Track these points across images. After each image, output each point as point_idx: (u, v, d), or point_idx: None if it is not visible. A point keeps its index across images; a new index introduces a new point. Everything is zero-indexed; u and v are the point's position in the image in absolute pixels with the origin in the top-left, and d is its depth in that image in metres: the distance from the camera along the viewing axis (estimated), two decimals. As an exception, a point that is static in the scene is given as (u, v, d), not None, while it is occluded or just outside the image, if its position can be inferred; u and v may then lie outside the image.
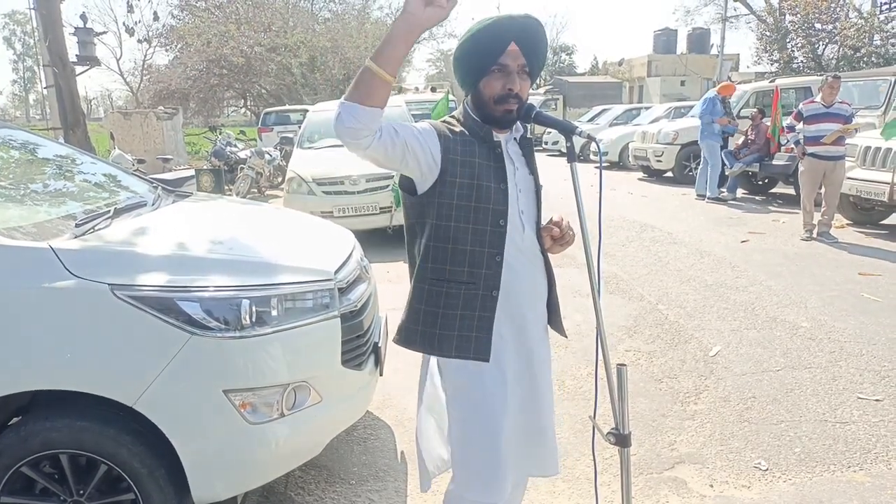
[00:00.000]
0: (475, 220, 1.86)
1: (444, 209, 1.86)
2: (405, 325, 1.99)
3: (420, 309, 1.95)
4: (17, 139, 3.65)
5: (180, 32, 31.99)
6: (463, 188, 1.84)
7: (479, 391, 1.93)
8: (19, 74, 75.09)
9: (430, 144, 1.83)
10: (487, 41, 1.82)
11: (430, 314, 1.93)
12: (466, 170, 1.84)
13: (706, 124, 11.03)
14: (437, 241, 1.88)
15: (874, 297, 5.59)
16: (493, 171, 1.89)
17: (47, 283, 2.25)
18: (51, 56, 8.67)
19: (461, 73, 1.91)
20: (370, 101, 1.68)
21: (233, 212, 3.82)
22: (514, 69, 1.84)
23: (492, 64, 1.83)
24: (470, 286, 1.88)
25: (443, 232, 1.87)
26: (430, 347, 1.96)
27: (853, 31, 26.09)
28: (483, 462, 1.94)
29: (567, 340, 4.87)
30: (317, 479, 3.19)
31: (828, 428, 3.53)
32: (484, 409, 1.93)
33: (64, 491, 2.37)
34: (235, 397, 2.34)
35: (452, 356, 1.93)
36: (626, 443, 1.90)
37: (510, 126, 1.94)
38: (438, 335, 1.93)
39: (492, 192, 1.87)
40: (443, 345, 1.93)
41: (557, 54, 63.47)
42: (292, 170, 8.54)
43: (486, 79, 1.85)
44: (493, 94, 1.85)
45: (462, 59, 1.88)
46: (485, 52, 1.82)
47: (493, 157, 1.90)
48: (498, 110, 1.87)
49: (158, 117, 16.61)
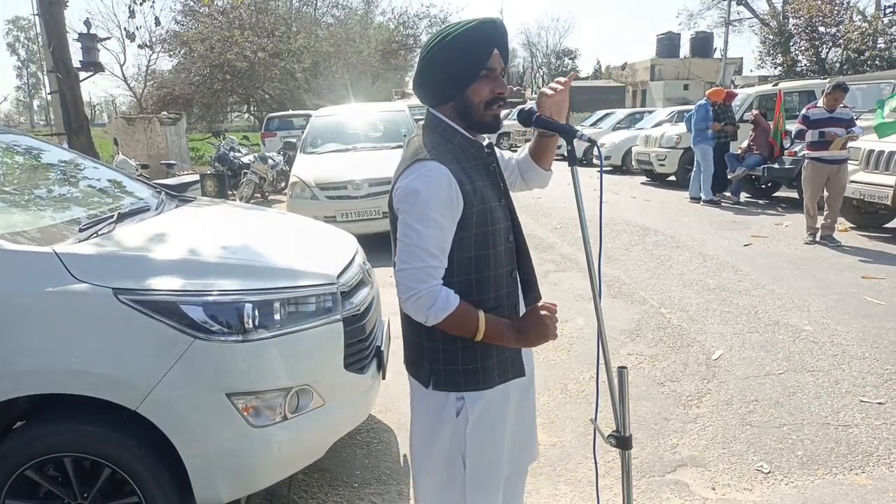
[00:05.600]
0: (493, 244, 1.78)
1: (466, 241, 1.74)
2: (440, 368, 1.81)
3: (454, 348, 1.79)
4: (22, 144, 3.68)
5: (184, 38, 32.15)
6: (479, 215, 1.74)
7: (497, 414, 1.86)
8: (23, 80, 75.57)
9: (455, 207, 1.70)
10: (476, 45, 1.74)
11: (466, 350, 1.79)
12: (478, 196, 1.74)
13: (699, 130, 11.07)
14: (461, 275, 1.76)
15: (877, 301, 5.58)
16: (492, 190, 1.81)
17: (51, 288, 2.26)
18: (55, 62, 8.72)
19: (443, 80, 1.77)
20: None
21: (235, 216, 3.84)
22: (500, 73, 1.78)
23: (481, 68, 1.74)
24: (496, 310, 1.80)
25: (465, 265, 1.76)
26: (476, 384, 1.81)
27: (857, 35, 26.06)
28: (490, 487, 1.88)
29: (570, 345, 4.89)
30: (320, 483, 3.20)
31: (830, 431, 3.52)
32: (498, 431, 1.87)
33: (68, 494, 2.39)
34: (238, 401, 2.36)
35: (496, 384, 1.83)
36: (628, 445, 1.90)
37: (496, 131, 1.87)
38: (482, 368, 1.80)
39: (498, 211, 1.80)
40: (487, 376, 1.81)
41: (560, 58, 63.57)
42: (295, 174, 8.57)
43: (474, 84, 1.75)
44: (482, 99, 1.77)
45: (446, 65, 1.75)
46: (474, 57, 1.74)
47: (487, 175, 1.82)
48: (488, 115, 1.79)
49: (162, 123, 16.69)
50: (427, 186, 1.66)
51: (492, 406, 1.84)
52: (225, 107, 38.17)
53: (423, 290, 1.67)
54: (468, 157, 1.79)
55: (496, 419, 1.85)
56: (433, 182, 1.67)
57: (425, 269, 1.67)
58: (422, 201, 1.66)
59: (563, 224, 9.75)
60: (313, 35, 32.99)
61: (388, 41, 36.50)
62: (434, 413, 1.86)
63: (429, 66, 1.77)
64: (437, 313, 1.67)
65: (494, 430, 1.86)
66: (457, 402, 1.83)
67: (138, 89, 36.81)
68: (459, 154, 1.77)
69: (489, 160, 1.85)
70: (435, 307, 1.67)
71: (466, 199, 1.70)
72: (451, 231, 1.70)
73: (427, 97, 1.83)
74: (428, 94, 1.82)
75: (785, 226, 9.09)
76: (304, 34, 32.16)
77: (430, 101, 1.83)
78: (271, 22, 31.94)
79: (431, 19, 38.39)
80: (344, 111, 11.32)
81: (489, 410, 1.83)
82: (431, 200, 1.66)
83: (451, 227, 1.70)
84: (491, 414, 1.84)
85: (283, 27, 32.20)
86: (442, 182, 1.67)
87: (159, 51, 33.17)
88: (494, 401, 1.84)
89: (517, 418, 1.96)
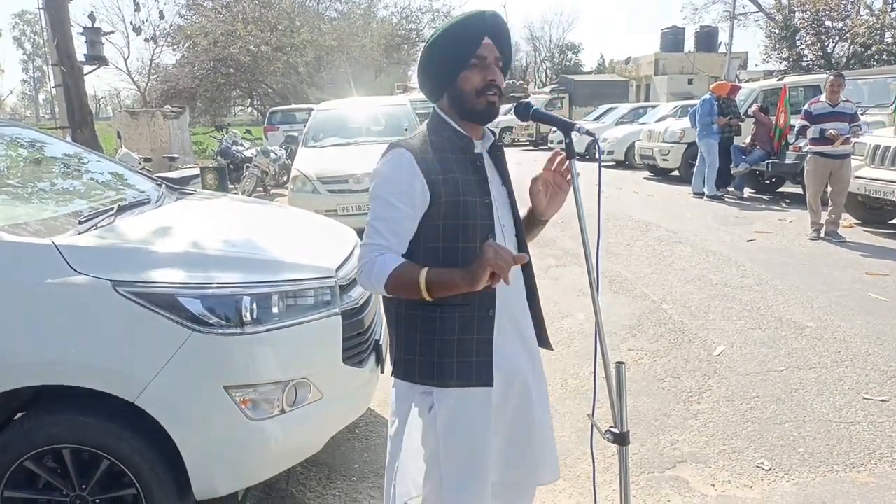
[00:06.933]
0: (464, 238, 1.77)
1: (432, 231, 1.77)
2: (402, 357, 1.87)
3: (415, 338, 1.83)
4: (26, 138, 3.68)
5: (187, 32, 32.17)
6: (449, 206, 1.75)
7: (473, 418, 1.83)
8: (29, 74, 75.63)
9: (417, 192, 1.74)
10: (463, 36, 1.78)
11: (426, 342, 1.81)
12: (450, 187, 1.76)
13: (705, 125, 11.03)
14: (427, 263, 1.74)
15: (881, 297, 5.56)
16: (476, 185, 1.81)
17: (50, 280, 2.27)
18: (59, 55, 8.70)
19: (436, 73, 1.83)
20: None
21: (235, 209, 3.84)
22: (492, 61, 1.79)
23: (470, 57, 1.77)
24: (465, 308, 1.78)
25: (432, 255, 1.77)
26: (430, 378, 1.82)
27: (864, 29, 25.89)
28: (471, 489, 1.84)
29: (570, 340, 4.88)
30: (318, 476, 3.21)
31: (832, 428, 3.51)
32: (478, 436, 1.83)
33: (66, 485, 2.39)
34: (236, 394, 2.36)
35: (454, 385, 1.80)
36: (625, 441, 1.89)
37: (492, 119, 1.87)
38: (437, 363, 1.81)
39: (477, 207, 1.79)
40: (443, 373, 1.81)
41: (564, 52, 63.38)
42: (297, 168, 8.58)
43: (464, 73, 1.78)
44: (474, 87, 1.79)
45: (438, 57, 1.81)
46: (462, 46, 1.77)
47: (473, 170, 1.82)
48: (481, 102, 1.80)
49: (165, 116, 16.68)
50: (386, 169, 1.77)
51: (465, 409, 1.81)
52: (228, 101, 38.17)
53: (365, 262, 1.75)
54: (454, 149, 1.82)
55: (473, 426, 1.82)
56: (393, 166, 1.76)
57: (370, 245, 1.76)
58: (379, 182, 1.78)
59: (564, 218, 9.68)
60: (316, 29, 32.97)
61: (390, 35, 36.42)
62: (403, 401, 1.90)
63: (424, 61, 1.85)
64: (379, 278, 1.72)
65: (472, 435, 1.82)
66: (424, 396, 1.85)
67: (142, 83, 36.85)
68: (445, 145, 1.82)
69: (476, 156, 1.85)
70: (374, 273, 1.72)
71: (433, 188, 1.74)
72: (408, 214, 1.75)
73: (428, 92, 1.89)
74: (427, 90, 1.88)
75: (789, 221, 9.06)
76: (307, 28, 32.14)
77: (431, 97, 1.88)
78: (274, 16, 31.93)
79: (434, 13, 38.30)
80: (346, 105, 11.30)
81: (462, 413, 1.81)
82: (389, 182, 1.76)
83: (408, 211, 1.75)
84: (464, 418, 1.81)
85: (286, 21, 32.18)
86: (402, 166, 1.75)
87: (163, 45, 33.18)
88: (468, 404, 1.81)
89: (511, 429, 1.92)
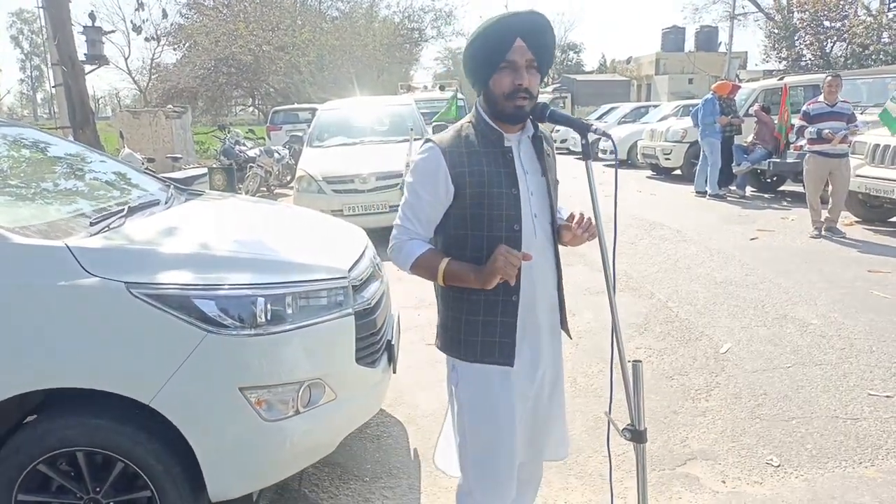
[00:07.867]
0: (489, 227, 1.89)
1: (458, 220, 1.92)
2: (440, 330, 2.08)
3: (448, 315, 2.02)
4: (29, 138, 3.67)
5: (188, 31, 32.12)
6: (474, 197, 1.88)
7: (496, 398, 1.97)
8: (27, 73, 75.57)
9: (441, 183, 1.90)
10: (494, 39, 1.84)
11: (455, 320, 1.99)
12: (475, 178, 1.87)
13: (707, 124, 11.03)
14: (455, 249, 1.93)
15: (884, 295, 5.57)
16: (503, 177, 1.90)
17: (64, 282, 2.26)
18: (60, 55, 8.67)
19: (471, 73, 1.93)
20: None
21: (245, 210, 3.84)
22: (521, 64, 1.85)
23: (500, 61, 1.84)
24: (490, 293, 1.89)
25: (459, 241, 1.93)
26: (457, 352, 2.00)
27: (862, 29, 25.86)
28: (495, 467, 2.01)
29: (578, 338, 4.89)
30: (331, 476, 3.21)
31: (839, 424, 3.52)
32: (500, 415, 1.98)
33: (80, 488, 2.39)
34: (251, 395, 2.36)
35: (476, 361, 1.97)
36: (642, 439, 1.91)
37: (522, 121, 1.94)
38: (463, 340, 1.97)
39: (503, 198, 1.89)
40: (467, 350, 1.97)
41: (565, 52, 63.26)
42: (302, 168, 8.56)
43: (495, 76, 1.86)
44: (503, 91, 1.86)
45: (471, 59, 1.91)
46: (492, 50, 1.84)
47: (503, 163, 1.92)
48: (509, 106, 1.87)
49: (167, 116, 16.68)
50: (418, 161, 1.95)
51: (487, 385, 1.98)
52: (230, 100, 38.16)
53: (395, 243, 1.98)
54: (486, 143, 1.93)
55: (495, 403, 1.98)
56: (422, 159, 1.94)
57: (399, 227, 1.97)
58: (412, 173, 1.96)
59: (569, 218, 9.71)
60: (318, 28, 32.92)
61: (393, 35, 36.41)
62: (449, 370, 2.10)
63: (464, 58, 1.96)
64: (406, 260, 1.94)
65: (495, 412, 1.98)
66: (453, 370, 2.05)
67: (143, 83, 36.82)
68: (478, 139, 1.93)
69: (506, 149, 1.94)
70: (402, 255, 1.95)
71: (457, 179, 1.88)
72: (434, 204, 1.93)
73: (472, 86, 1.99)
74: (470, 84, 1.99)
75: (791, 220, 9.07)
76: (308, 28, 32.10)
77: (475, 90, 1.99)
78: (276, 15, 31.89)
79: (437, 13, 38.34)
80: (350, 105, 11.29)
81: (483, 389, 1.98)
82: (417, 173, 1.94)
83: (433, 201, 1.92)
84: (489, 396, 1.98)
85: (287, 20, 32.15)
86: (430, 159, 1.91)
87: (164, 44, 33.15)
88: (490, 381, 1.97)
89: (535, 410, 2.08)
